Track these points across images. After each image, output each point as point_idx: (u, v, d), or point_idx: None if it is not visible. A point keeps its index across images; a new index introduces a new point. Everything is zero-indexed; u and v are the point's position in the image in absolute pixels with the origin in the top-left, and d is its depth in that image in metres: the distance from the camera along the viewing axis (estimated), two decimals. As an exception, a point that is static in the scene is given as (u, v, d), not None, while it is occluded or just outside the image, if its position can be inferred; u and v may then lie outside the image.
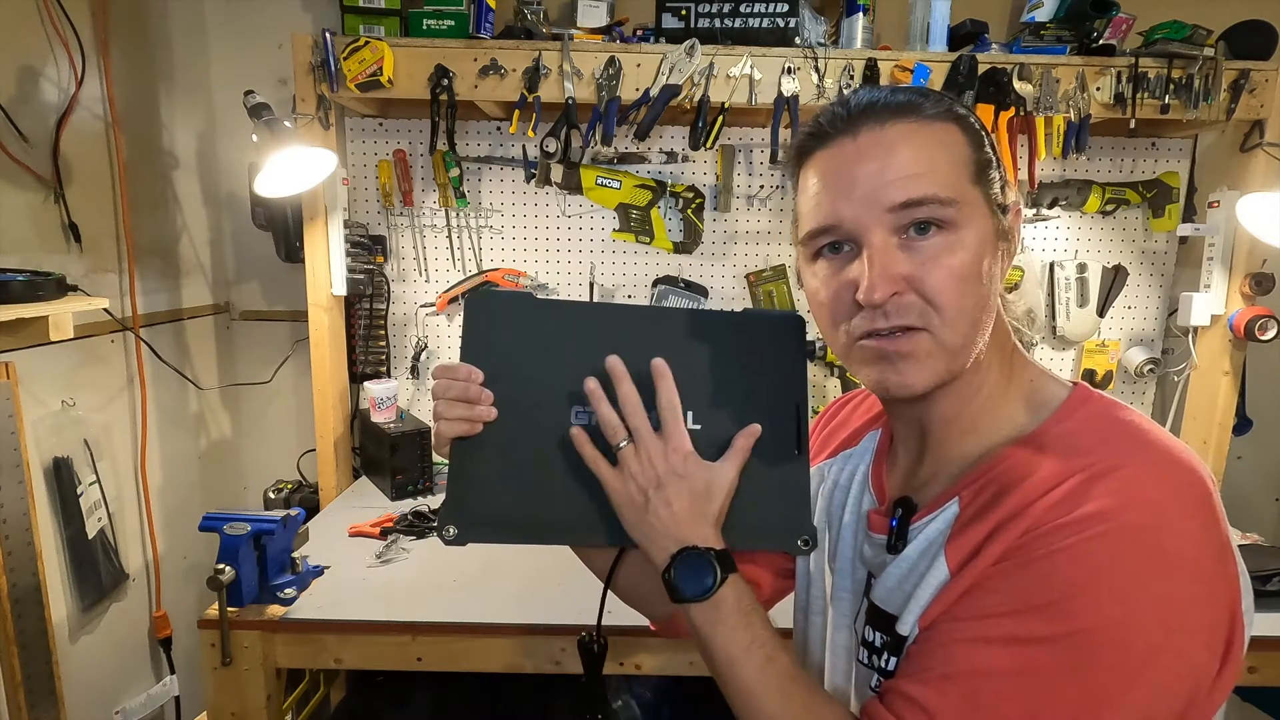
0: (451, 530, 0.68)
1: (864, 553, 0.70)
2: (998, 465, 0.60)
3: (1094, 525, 0.51)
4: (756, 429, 0.68)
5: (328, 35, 1.61)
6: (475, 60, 1.64)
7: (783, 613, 0.83)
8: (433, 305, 2.01)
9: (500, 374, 0.68)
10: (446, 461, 0.69)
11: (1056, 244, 1.96)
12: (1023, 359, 0.66)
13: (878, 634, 0.65)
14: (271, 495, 1.98)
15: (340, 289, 1.80)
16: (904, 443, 0.71)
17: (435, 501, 1.78)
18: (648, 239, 1.95)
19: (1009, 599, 0.53)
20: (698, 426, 0.69)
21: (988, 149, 0.62)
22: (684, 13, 1.68)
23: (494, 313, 0.70)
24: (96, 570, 1.59)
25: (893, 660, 0.62)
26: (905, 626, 0.61)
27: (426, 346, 2.03)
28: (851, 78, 1.65)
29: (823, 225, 0.61)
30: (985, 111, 1.62)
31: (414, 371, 2.03)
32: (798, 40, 1.67)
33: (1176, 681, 0.51)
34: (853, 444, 0.78)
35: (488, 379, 0.68)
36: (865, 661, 0.67)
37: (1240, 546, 0.64)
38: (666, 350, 0.69)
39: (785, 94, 1.65)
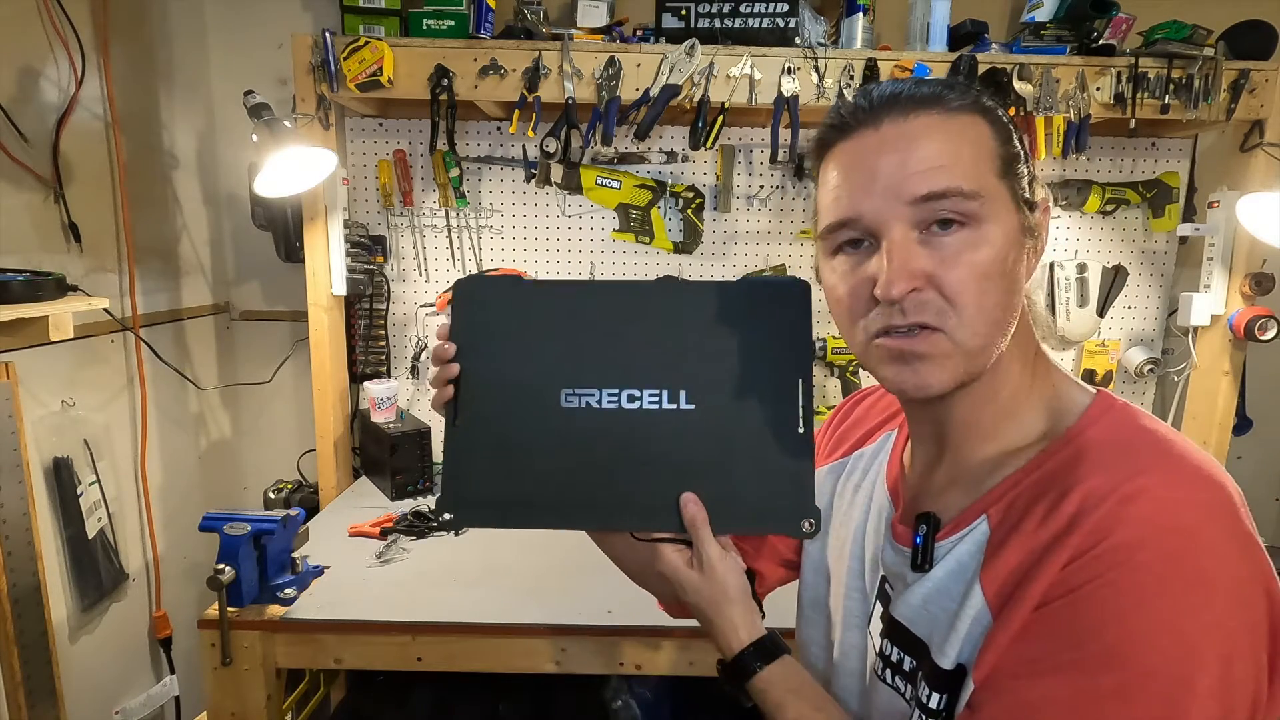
0: (446, 515, 0.69)
1: (885, 557, 0.68)
2: (1023, 481, 0.59)
3: (1134, 555, 0.50)
4: (694, 504, 0.67)
5: (328, 35, 1.61)
6: (475, 60, 1.64)
7: (785, 612, 0.83)
8: (433, 305, 2.01)
9: (488, 354, 0.69)
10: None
11: (1056, 244, 1.96)
12: (1046, 363, 0.64)
13: (906, 656, 0.64)
14: (271, 495, 1.98)
15: (340, 289, 1.80)
16: (920, 444, 0.69)
17: (435, 502, 1.77)
18: (648, 239, 1.95)
19: (1063, 646, 0.51)
20: (691, 407, 0.66)
21: (1015, 143, 0.60)
22: (684, 13, 1.68)
23: (478, 294, 0.71)
24: (96, 570, 1.59)
25: (935, 697, 0.60)
26: (946, 660, 0.59)
27: (426, 346, 2.03)
28: (851, 78, 1.65)
29: (842, 219, 0.59)
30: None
31: (414, 371, 2.03)
32: (798, 40, 1.67)
33: (1243, 709, 0.50)
34: (868, 442, 0.77)
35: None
36: (889, 681, 0.65)
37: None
38: (659, 325, 0.67)
39: (785, 94, 1.65)
